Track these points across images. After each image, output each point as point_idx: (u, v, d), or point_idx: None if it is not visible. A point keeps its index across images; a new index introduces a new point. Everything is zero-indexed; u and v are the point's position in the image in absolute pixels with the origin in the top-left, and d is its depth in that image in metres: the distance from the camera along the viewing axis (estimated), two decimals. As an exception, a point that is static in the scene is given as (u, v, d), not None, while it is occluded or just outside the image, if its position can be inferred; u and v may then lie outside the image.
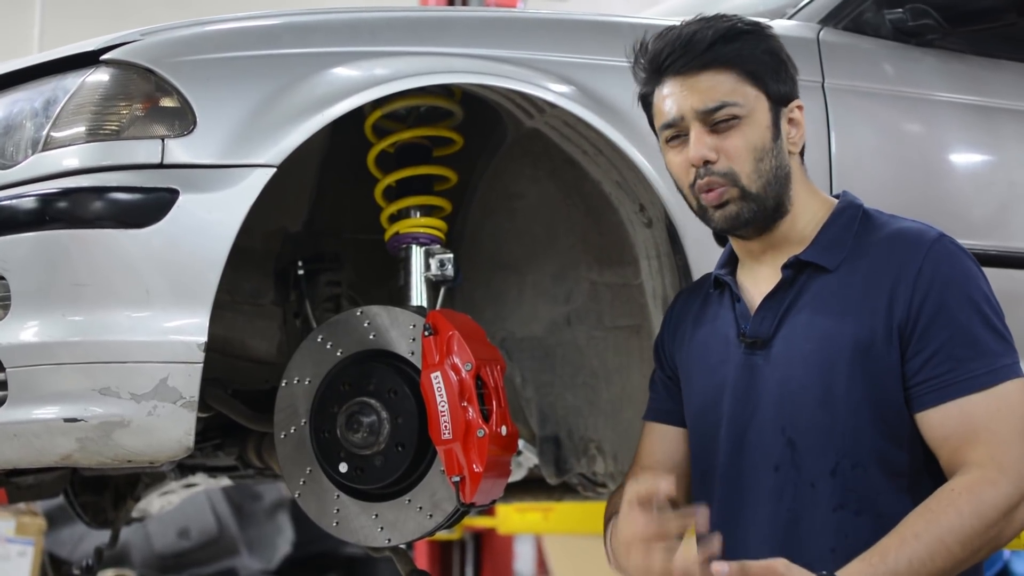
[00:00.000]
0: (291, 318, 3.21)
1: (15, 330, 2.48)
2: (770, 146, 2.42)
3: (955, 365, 2.28)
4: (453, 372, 2.66)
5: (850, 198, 2.50)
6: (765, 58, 2.44)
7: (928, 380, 2.30)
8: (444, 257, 2.90)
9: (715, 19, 2.45)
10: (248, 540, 8.31)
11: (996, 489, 2.22)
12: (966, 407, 2.27)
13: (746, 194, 2.41)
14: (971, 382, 2.28)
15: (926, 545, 2.20)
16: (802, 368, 2.37)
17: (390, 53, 2.73)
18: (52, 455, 2.50)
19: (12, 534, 5.97)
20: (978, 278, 2.36)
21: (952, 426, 2.28)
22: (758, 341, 2.43)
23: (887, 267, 2.35)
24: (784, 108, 2.45)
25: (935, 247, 2.35)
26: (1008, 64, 3.45)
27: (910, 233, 2.39)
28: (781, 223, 2.45)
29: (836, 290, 2.38)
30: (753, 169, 2.41)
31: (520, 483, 3.98)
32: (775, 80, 2.44)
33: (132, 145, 2.51)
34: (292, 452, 2.80)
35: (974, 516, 2.20)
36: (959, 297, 2.31)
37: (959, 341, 2.29)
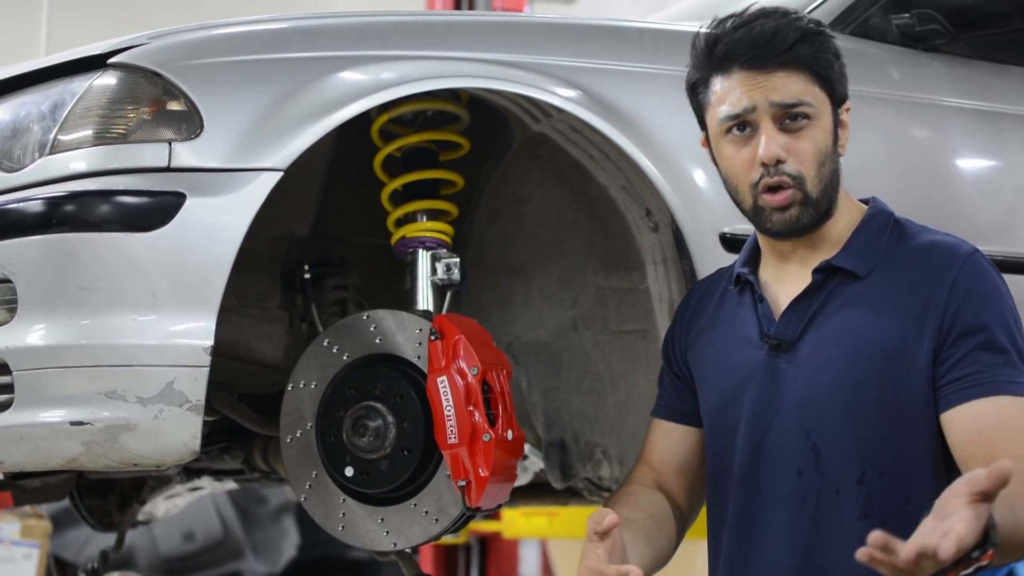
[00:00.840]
0: (297, 322, 3.21)
1: (22, 333, 2.48)
2: (831, 150, 2.43)
3: (987, 368, 2.28)
4: (459, 376, 2.65)
5: (880, 205, 2.50)
6: (832, 60, 2.45)
7: (959, 379, 2.29)
8: (450, 261, 2.90)
9: (786, 16, 2.43)
10: (253, 544, 8.31)
11: None
12: (1000, 405, 2.26)
13: (807, 199, 2.40)
14: (1004, 384, 2.27)
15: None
16: (830, 374, 2.36)
17: (397, 57, 2.73)
18: (58, 458, 2.51)
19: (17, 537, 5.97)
20: (1008, 295, 2.37)
21: (987, 421, 2.26)
22: (783, 344, 2.42)
23: (922, 277, 2.35)
24: (838, 110, 2.47)
25: (969, 261, 2.36)
26: (1015, 69, 3.45)
27: (945, 246, 2.40)
28: (826, 225, 2.45)
29: (867, 297, 2.38)
30: (816, 173, 2.40)
31: (526, 487, 3.98)
32: (839, 83, 2.46)
33: (139, 148, 2.51)
34: (298, 456, 2.80)
35: None
36: (991, 311, 2.32)
37: (989, 348, 2.29)
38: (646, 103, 2.84)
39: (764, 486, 2.42)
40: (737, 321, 2.52)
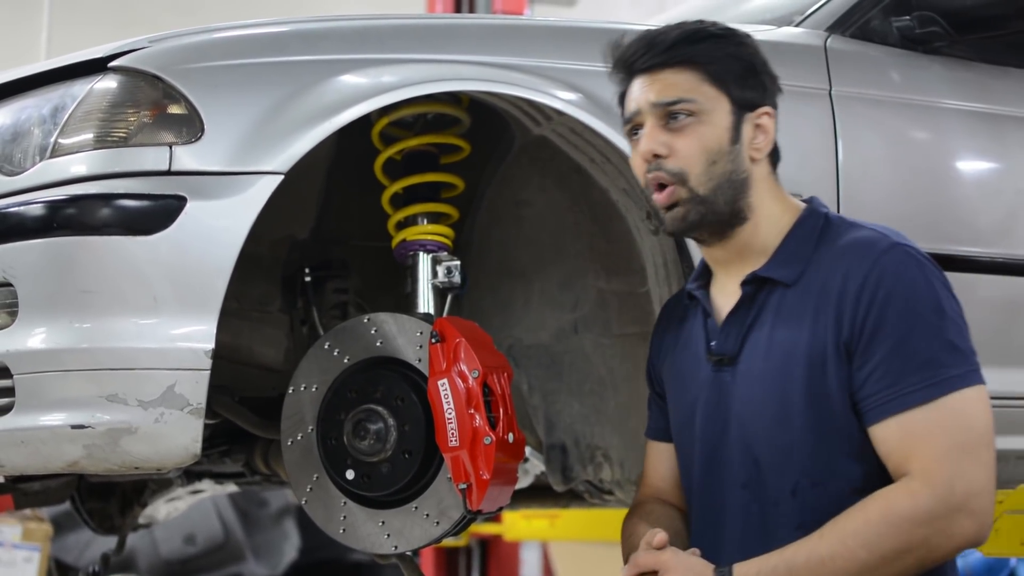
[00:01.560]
0: (298, 325, 3.22)
1: (23, 337, 2.48)
2: (726, 149, 2.41)
3: (894, 380, 2.24)
4: (460, 379, 2.66)
5: (815, 206, 2.48)
6: (730, 62, 2.43)
7: (870, 396, 2.27)
8: (451, 264, 2.90)
9: (687, 22, 2.46)
10: (254, 546, 8.32)
11: (913, 499, 2.18)
12: (905, 423, 2.23)
13: (694, 196, 2.40)
14: (908, 397, 2.24)
15: (828, 545, 2.20)
16: (761, 386, 2.37)
17: (397, 60, 2.73)
18: (59, 461, 2.51)
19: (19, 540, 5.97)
20: (927, 288, 2.30)
21: (893, 442, 2.25)
22: (724, 358, 2.43)
23: (836, 280, 2.32)
24: (749, 113, 2.43)
25: (882, 259, 2.30)
26: (1015, 72, 3.45)
27: (861, 244, 2.35)
28: (740, 231, 2.44)
29: (793, 305, 2.36)
30: (704, 171, 2.39)
31: (527, 490, 3.98)
32: (739, 85, 2.42)
33: (140, 152, 2.51)
34: (299, 459, 2.80)
35: (882, 522, 2.18)
36: (900, 309, 2.26)
37: (898, 354, 2.25)
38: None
39: (717, 501, 2.43)
40: (692, 338, 2.53)
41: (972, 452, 2.22)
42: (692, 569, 2.28)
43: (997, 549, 3.25)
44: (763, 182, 2.45)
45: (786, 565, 2.21)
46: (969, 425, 2.23)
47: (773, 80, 2.48)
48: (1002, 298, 3.18)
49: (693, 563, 2.29)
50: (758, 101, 2.44)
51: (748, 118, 2.43)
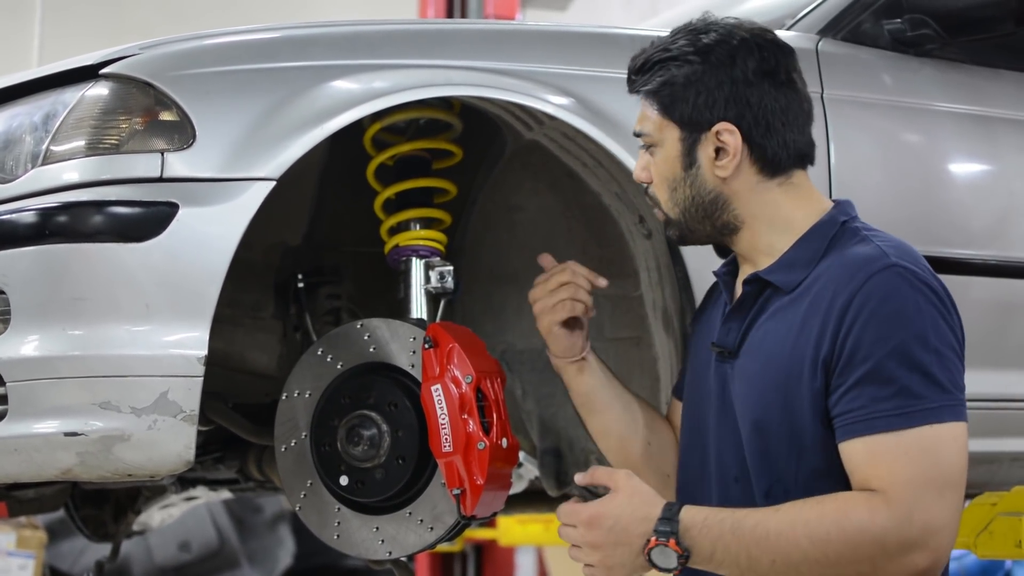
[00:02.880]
0: (291, 331, 3.21)
1: (15, 344, 2.48)
2: (681, 176, 2.42)
3: (866, 403, 2.20)
4: (453, 385, 2.65)
5: (836, 212, 2.42)
6: (672, 87, 2.41)
7: (841, 415, 2.23)
8: (444, 269, 2.90)
9: (651, 45, 2.46)
10: (249, 553, 8.32)
11: (872, 515, 2.14)
12: (872, 445, 2.19)
13: (668, 219, 2.47)
14: (877, 421, 2.19)
15: (778, 522, 2.18)
16: (749, 387, 2.36)
17: (389, 66, 2.73)
18: (53, 469, 2.50)
19: (13, 547, 5.98)
20: (915, 314, 2.23)
21: (857, 462, 2.21)
22: (725, 351, 2.43)
23: (825, 295, 2.28)
24: (705, 133, 2.39)
25: (874, 278, 2.25)
26: (1007, 74, 3.45)
27: (858, 259, 2.30)
28: (738, 238, 2.44)
29: (787, 313, 2.35)
30: (668, 197, 2.45)
31: (521, 495, 3.98)
32: (690, 107, 2.39)
33: (132, 159, 2.51)
34: (293, 465, 2.80)
35: (833, 524, 2.15)
36: (882, 335, 2.21)
37: (874, 379, 2.20)
38: (639, 110, 2.84)
39: (710, 488, 2.44)
40: (712, 323, 2.53)
41: (936, 488, 2.16)
42: (640, 495, 2.27)
43: (992, 551, 3.25)
44: (749, 193, 2.41)
45: (732, 523, 2.20)
46: (937, 461, 2.17)
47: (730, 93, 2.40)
48: (995, 300, 3.18)
49: (644, 491, 2.27)
50: (710, 119, 2.39)
51: (705, 138, 2.40)
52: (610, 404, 2.66)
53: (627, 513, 2.25)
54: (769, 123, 2.40)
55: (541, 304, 2.62)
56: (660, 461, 2.67)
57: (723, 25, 2.43)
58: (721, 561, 2.21)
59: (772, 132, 2.40)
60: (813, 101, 2.48)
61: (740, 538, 2.19)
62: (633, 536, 2.24)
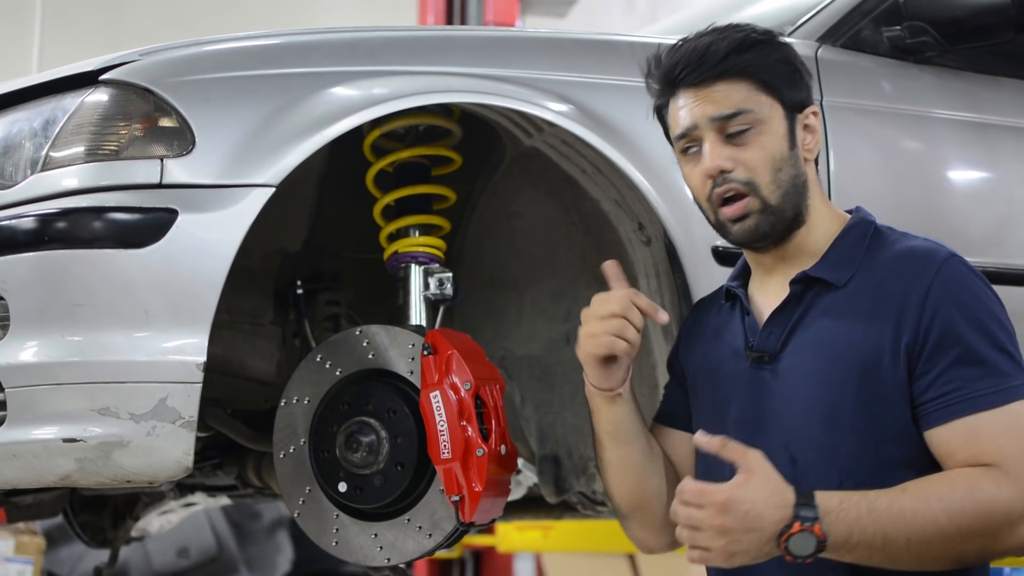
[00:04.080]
0: (290, 338, 3.22)
1: (14, 350, 2.48)
2: (788, 155, 2.41)
3: (962, 384, 2.25)
4: (452, 391, 2.65)
5: (863, 214, 2.48)
6: (779, 66, 2.43)
7: (936, 399, 2.26)
8: (443, 276, 2.90)
9: (728, 30, 2.44)
10: (247, 559, 8.30)
11: (997, 488, 2.19)
12: (974, 424, 2.24)
13: (766, 206, 2.39)
14: (978, 400, 2.24)
15: (911, 500, 2.18)
16: (807, 385, 2.35)
17: (389, 72, 2.73)
18: (51, 475, 2.50)
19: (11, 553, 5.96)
20: (988, 299, 2.32)
21: (959, 442, 2.24)
22: (765, 356, 2.41)
23: (896, 286, 2.32)
24: (799, 115, 2.44)
25: (944, 267, 2.32)
26: (1006, 81, 3.46)
27: (920, 251, 2.36)
28: (797, 234, 2.44)
29: (844, 308, 2.36)
30: (772, 179, 2.39)
31: (520, 502, 3.97)
32: (789, 88, 2.43)
33: (131, 165, 2.51)
34: (291, 471, 2.80)
35: (966, 496, 2.17)
36: (967, 318, 2.28)
37: (967, 361, 2.26)
38: (638, 117, 2.83)
39: None
40: (727, 335, 2.51)
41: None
42: (775, 480, 2.20)
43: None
44: (815, 184, 2.46)
45: (868, 504, 2.18)
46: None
47: (810, 77, 2.50)
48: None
49: (776, 476, 2.20)
50: (806, 101, 2.46)
51: (799, 120, 2.44)
52: (636, 437, 2.54)
53: (763, 498, 2.17)
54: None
55: (585, 330, 2.47)
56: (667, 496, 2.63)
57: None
58: (856, 544, 2.17)
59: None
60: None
61: (876, 519, 2.17)
62: (768, 523, 2.16)
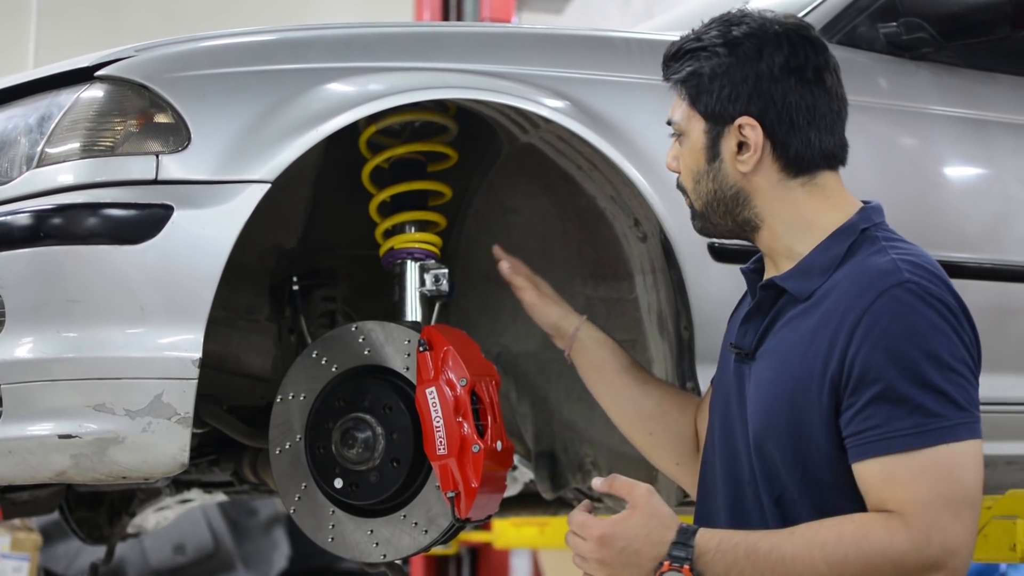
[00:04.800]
0: (286, 334, 3.21)
1: (10, 347, 2.48)
2: (704, 168, 2.41)
3: (880, 422, 2.17)
4: (448, 387, 2.65)
5: (856, 219, 2.38)
6: (699, 77, 2.39)
7: (854, 435, 2.20)
8: (439, 272, 2.90)
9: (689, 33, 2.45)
10: (244, 555, 8.31)
11: (890, 537, 2.12)
12: (887, 465, 2.16)
13: (694, 210, 2.47)
14: (894, 441, 2.16)
15: (793, 546, 2.15)
16: (762, 393, 2.34)
17: (384, 68, 2.73)
18: (47, 471, 2.50)
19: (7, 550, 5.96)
20: (929, 332, 2.19)
21: (871, 483, 2.18)
22: (742, 353, 2.42)
23: (836, 311, 2.25)
24: (728, 127, 2.38)
25: (885, 296, 2.21)
26: (1002, 77, 3.46)
27: (872, 274, 2.26)
28: (758, 237, 2.42)
29: (800, 322, 2.32)
30: (692, 188, 2.44)
31: (516, 498, 3.97)
32: (714, 99, 2.38)
33: (126, 161, 2.51)
34: (287, 468, 2.80)
35: (852, 546, 2.13)
36: (892, 355, 2.17)
37: (887, 399, 2.17)
38: (634, 113, 2.84)
39: (722, 487, 2.42)
40: (736, 321, 2.52)
41: (954, 508, 2.14)
42: (658, 516, 2.23)
43: (986, 555, 3.25)
44: (771, 191, 2.39)
45: (747, 547, 2.17)
46: (954, 479, 2.15)
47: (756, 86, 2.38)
48: (990, 303, 3.18)
49: (663, 512, 2.23)
50: (732, 113, 2.38)
51: (728, 132, 2.38)
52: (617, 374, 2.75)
53: (642, 535, 2.21)
54: (793, 120, 2.37)
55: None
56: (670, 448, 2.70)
57: (757, 17, 2.41)
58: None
59: (796, 130, 2.37)
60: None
61: (755, 563, 2.17)
62: (644, 559, 2.20)
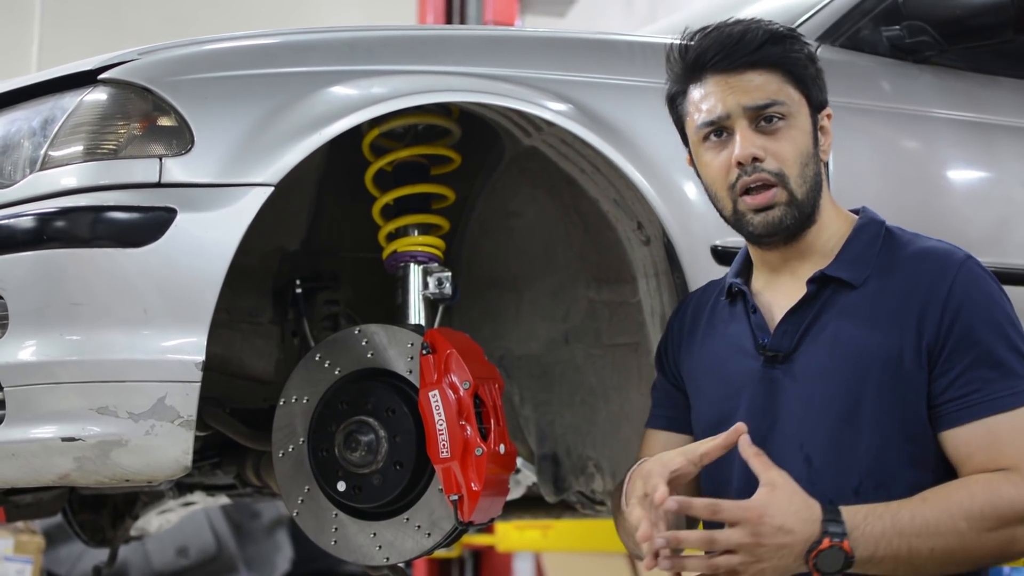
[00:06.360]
0: (289, 337, 3.21)
1: (13, 349, 2.47)
2: (812, 151, 2.41)
3: (980, 386, 2.26)
4: (451, 390, 2.65)
5: (871, 214, 2.48)
6: (807, 63, 2.44)
7: (953, 400, 2.28)
8: (442, 275, 2.90)
9: (758, 21, 2.43)
10: (247, 558, 8.31)
11: (1016, 491, 2.20)
12: (992, 426, 2.25)
13: (792, 199, 2.38)
14: (996, 402, 2.26)
15: (932, 509, 2.19)
16: (826, 384, 2.34)
17: (388, 72, 2.73)
18: (50, 474, 2.50)
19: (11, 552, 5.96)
20: (1003, 301, 2.34)
21: (977, 444, 2.26)
22: (778, 355, 2.40)
23: (916, 286, 2.33)
24: (820, 115, 2.45)
25: (963, 268, 2.33)
26: (1005, 81, 3.46)
27: (938, 253, 2.38)
28: (808, 233, 2.43)
29: (862, 307, 2.36)
30: (799, 173, 2.39)
31: (519, 501, 3.97)
32: (814, 86, 2.44)
33: (130, 164, 2.51)
34: (290, 471, 2.80)
35: (986, 502, 2.19)
36: (986, 319, 2.30)
37: (985, 362, 2.27)
38: (637, 116, 2.84)
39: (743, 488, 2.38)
40: (729, 332, 2.50)
41: None
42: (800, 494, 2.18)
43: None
44: (824, 184, 2.46)
45: (891, 516, 2.18)
46: None
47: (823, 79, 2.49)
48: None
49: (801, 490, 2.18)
50: (825, 102, 2.47)
51: (820, 119, 2.45)
52: None
53: (791, 512, 2.16)
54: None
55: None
56: None
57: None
58: (882, 559, 2.18)
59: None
60: None
61: (901, 532, 2.18)
62: (798, 538, 2.15)
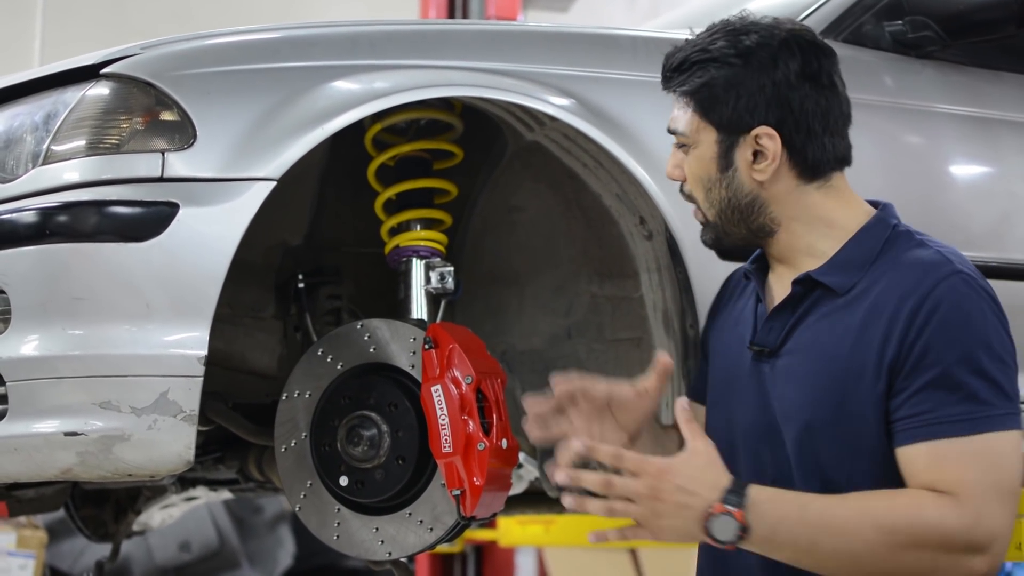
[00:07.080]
0: (291, 331, 3.21)
1: (15, 344, 2.48)
2: (716, 177, 2.38)
3: (934, 407, 2.18)
4: (453, 385, 2.65)
5: (884, 215, 2.41)
6: (712, 88, 2.36)
7: (906, 418, 2.21)
8: (444, 270, 2.90)
9: (688, 43, 2.42)
10: (249, 553, 8.31)
11: (941, 514, 2.13)
12: (939, 449, 2.17)
13: (706, 219, 2.43)
14: (947, 426, 2.17)
15: (845, 509, 2.16)
16: (797, 387, 2.33)
17: (390, 66, 2.73)
18: (52, 469, 2.50)
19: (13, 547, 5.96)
20: (984, 322, 2.23)
21: (922, 465, 2.19)
22: (764, 350, 2.40)
23: (889, 300, 2.26)
24: (744, 136, 2.36)
25: (942, 284, 2.24)
26: (1008, 76, 3.45)
27: (924, 265, 2.28)
28: (773, 241, 2.41)
29: (842, 315, 2.32)
30: (704, 197, 2.41)
31: (521, 496, 3.97)
32: (729, 110, 2.35)
33: (132, 159, 2.51)
34: (293, 465, 2.80)
35: (904, 519, 2.13)
36: (951, 341, 2.20)
37: (942, 384, 2.19)
38: (639, 111, 2.84)
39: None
40: (743, 318, 2.50)
41: (1000, 495, 2.16)
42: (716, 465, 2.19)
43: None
44: (787, 196, 2.38)
45: (799, 504, 2.17)
46: (1001, 467, 2.17)
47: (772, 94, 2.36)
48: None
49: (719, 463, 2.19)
50: (749, 123, 2.36)
51: (743, 142, 2.36)
52: None
53: (699, 477, 2.16)
54: (810, 127, 2.37)
55: None
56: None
57: (763, 25, 2.39)
58: (781, 543, 2.16)
59: (812, 136, 2.37)
60: None
61: (805, 521, 2.15)
62: (698, 501, 2.15)
